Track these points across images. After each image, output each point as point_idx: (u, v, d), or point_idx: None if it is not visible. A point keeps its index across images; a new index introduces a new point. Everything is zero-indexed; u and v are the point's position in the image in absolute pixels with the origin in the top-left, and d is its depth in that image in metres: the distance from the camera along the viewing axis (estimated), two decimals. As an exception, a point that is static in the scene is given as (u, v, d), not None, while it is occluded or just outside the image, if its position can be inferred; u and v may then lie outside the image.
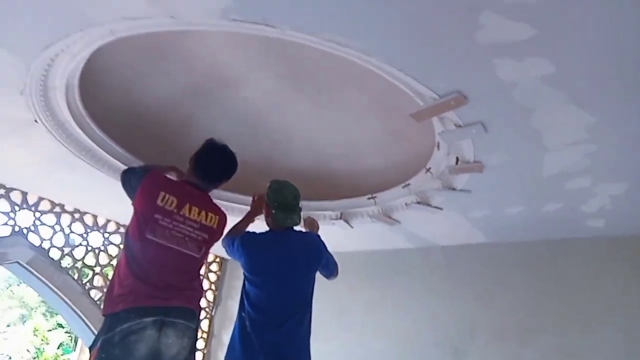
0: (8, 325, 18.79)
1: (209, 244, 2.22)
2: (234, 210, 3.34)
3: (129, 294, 1.91)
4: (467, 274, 3.83)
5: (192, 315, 2.05)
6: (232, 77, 2.83)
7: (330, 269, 2.52)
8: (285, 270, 2.33)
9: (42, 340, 16.75)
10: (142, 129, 2.95)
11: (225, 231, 2.35)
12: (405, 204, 3.18)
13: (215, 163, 2.26)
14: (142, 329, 1.85)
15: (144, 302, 1.91)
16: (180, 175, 2.35)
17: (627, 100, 1.86)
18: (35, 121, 2.39)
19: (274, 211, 2.40)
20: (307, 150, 3.40)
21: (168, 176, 2.31)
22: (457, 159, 2.56)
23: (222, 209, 2.35)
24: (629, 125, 2.03)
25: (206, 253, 2.23)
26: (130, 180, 2.17)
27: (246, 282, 2.35)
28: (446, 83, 1.92)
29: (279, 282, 2.32)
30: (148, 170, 2.22)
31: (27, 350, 16.23)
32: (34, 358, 16.32)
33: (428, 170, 2.84)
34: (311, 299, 2.38)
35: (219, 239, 2.32)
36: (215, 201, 2.33)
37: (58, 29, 1.82)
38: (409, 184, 3.06)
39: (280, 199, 2.40)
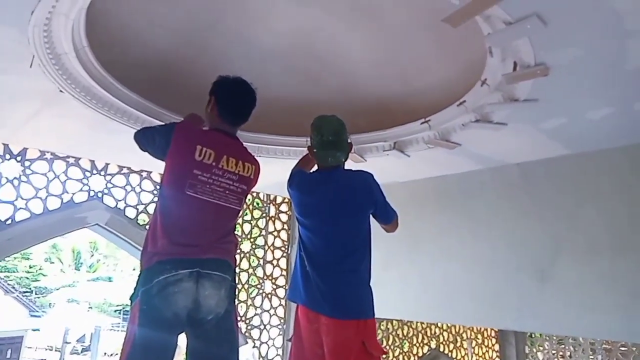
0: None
1: (247, 194, 2.19)
2: (274, 152, 3.30)
3: (162, 250, 1.90)
4: (547, 191, 3.44)
5: (228, 266, 2.03)
6: (254, 7, 2.57)
7: (387, 215, 2.33)
8: (334, 211, 2.24)
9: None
10: (167, 79, 2.82)
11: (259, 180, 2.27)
12: (462, 124, 2.82)
13: (240, 101, 2.16)
14: (179, 281, 1.85)
15: (177, 254, 1.90)
16: (201, 120, 2.26)
17: None
18: (61, 91, 2.37)
19: (315, 150, 2.29)
20: (348, 78, 3.09)
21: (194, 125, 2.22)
22: (515, 65, 2.15)
23: (255, 156, 2.26)
24: None
25: (244, 204, 2.20)
26: (153, 138, 2.10)
27: (299, 224, 2.35)
28: (482, -30, 1.53)
29: (328, 223, 2.25)
30: (174, 124, 2.14)
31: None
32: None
33: (484, 82, 2.43)
34: (368, 240, 2.25)
35: (253, 187, 2.26)
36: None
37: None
38: (464, 101, 2.67)
39: (318, 137, 2.27)
